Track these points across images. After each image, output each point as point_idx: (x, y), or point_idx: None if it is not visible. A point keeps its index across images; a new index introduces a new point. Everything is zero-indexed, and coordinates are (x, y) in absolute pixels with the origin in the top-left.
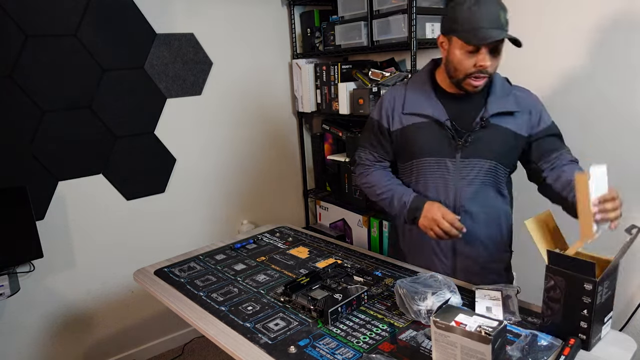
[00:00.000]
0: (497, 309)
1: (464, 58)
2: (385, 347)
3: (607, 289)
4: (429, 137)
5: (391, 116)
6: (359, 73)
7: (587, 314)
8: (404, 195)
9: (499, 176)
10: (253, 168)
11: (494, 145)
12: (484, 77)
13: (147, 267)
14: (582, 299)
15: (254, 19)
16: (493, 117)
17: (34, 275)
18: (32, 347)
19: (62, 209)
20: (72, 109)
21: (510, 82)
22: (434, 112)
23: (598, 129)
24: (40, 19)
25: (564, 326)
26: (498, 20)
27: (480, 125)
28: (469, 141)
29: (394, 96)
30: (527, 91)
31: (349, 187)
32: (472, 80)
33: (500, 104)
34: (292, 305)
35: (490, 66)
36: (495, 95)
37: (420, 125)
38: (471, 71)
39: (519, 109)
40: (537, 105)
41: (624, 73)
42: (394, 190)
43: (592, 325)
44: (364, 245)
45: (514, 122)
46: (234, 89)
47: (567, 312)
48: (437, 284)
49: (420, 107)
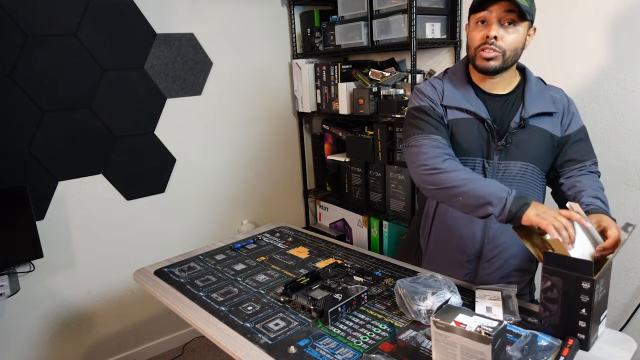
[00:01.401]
0: (497, 309)
1: (475, 32)
2: (385, 347)
3: (603, 287)
4: (469, 135)
5: (437, 104)
6: (359, 73)
7: (586, 312)
8: (503, 186)
9: (535, 179)
10: (253, 168)
11: (532, 148)
12: (493, 49)
13: (147, 267)
14: (580, 298)
15: (254, 19)
16: (531, 117)
17: (34, 275)
18: (32, 347)
19: (62, 209)
20: (72, 109)
21: (544, 82)
22: (476, 108)
23: (596, 128)
24: (40, 19)
25: (562, 326)
26: None
27: (519, 126)
28: (510, 142)
29: (434, 86)
30: (562, 91)
31: (349, 187)
32: (481, 52)
33: (539, 105)
34: (292, 305)
35: (501, 39)
36: (532, 95)
37: (464, 121)
38: (479, 43)
39: (556, 109)
40: (572, 106)
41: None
42: (487, 180)
43: (591, 325)
44: (364, 245)
45: (551, 123)
46: (234, 89)
47: (565, 312)
48: (437, 284)
49: (461, 102)
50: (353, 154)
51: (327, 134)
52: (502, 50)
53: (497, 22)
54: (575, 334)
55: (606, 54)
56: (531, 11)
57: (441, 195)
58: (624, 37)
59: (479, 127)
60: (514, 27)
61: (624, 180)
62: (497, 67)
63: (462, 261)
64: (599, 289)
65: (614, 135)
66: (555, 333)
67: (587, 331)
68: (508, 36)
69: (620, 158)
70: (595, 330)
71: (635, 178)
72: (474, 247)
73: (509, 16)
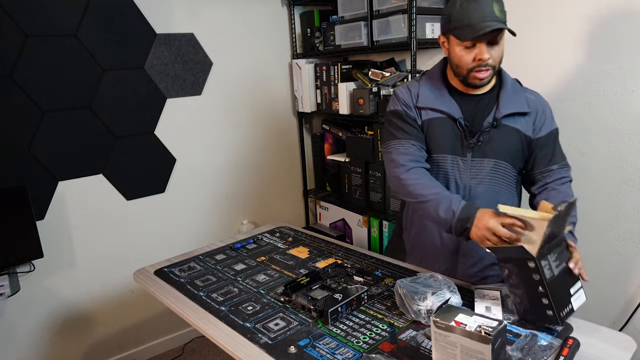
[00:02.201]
0: (497, 308)
1: (464, 54)
2: (385, 347)
3: (557, 261)
4: (443, 134)
5: (411, 107)
6: (359, 73)
7: (543, 289)
8: (452, 203)
9: (507, 176)
10: (253, 168)
11: (505, 146)
12: (487, 69)
13: (147, 267)
14: (533, 277)
15: (254, 19)
16: (505, 117)
17: (34, 275)
18: (32, 347)
19: (62, 209)
20: (72, 109)
21: (520, 84)
22: (449, 108)
23: (596, 128)
24: (40, 19)
25: (533, 310)
26: (491, 13)
27: (492, 125)
28: (481, 140)
29: (409, 89)
30: (537, 94)
31: (349, 187)
32: (476, 74)
33: (513, 105)
34: (292, 305)
35: (491, 58)
36: (507, 95)
37: (437, 121)
38: (472, 65)
39: (530, 110)
40: (547, 109)
41: (620, 70)
42: (441, 195)
43: (553, 300)
44: (364, 245)
45: (525, 123)
46: (234, 89)
47: (529, 294)
48: (437, 284)
49: (435, 103)
50: (353, 154)
51: (327, 134)
52: (493, 67)
53: (485, 44)
54: (545, 313)
55: (606, 54)
56: (506, 20)
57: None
58: (624, 37)
59: (452, 126)
60: (499, 42)
61: (624, 180)
62: (489, 81)
63: (440, 255)
64: (550, 264)
65: (614, 135)
66: (535, 319)
67: (551, 306)
68: (496, 53)
69: (620, 158)
70: (567, 304)
71: (635, 178)
72: (450, 241)
73: (495, 36)
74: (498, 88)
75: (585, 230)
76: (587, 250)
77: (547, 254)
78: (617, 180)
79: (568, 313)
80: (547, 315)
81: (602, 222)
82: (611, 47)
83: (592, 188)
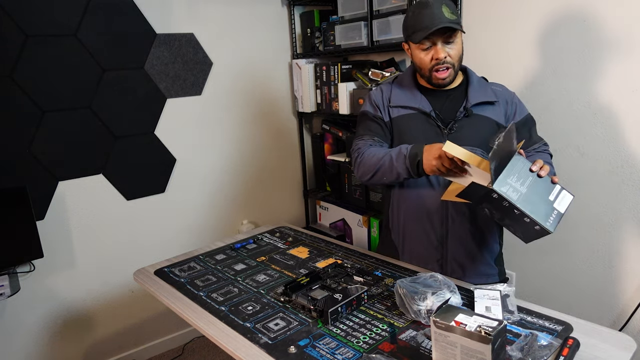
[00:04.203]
0: (497, 308)
1: (422, 55)
2: (385, 347)
3: (521, 179)
4: (416, 128)
5: (382, 108)
6: (359, 73)
7: (518, 211)
8: (401, 149)
9: None
10: (253, 168)
11: (479, 133)
12: (446, 67)
13: (147, 267)
14: (504, 204)
15: (254, 19)
16: (475, 107)
17: (34, 275)
18: (32, 347)
19: (62, 209)
20: (72, 109)
21: (487, 80)
22: (420, 104)
23: (596, 128)
24: (40, 19)
25: (527, 230)
26: (440, 15)
27: (463, 115)
28: (454, 129)
29: (382, 90)
30: (502, 86)
31: (349, 187)
32: (436, 73)
33: (480, 95)
34: (292, 305)
35: (448, 56)
36: (474, 88)
37: (409, 117)
38: (431, 65)
39: (497, 99)
40: (514, 97)
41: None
42: (390, 152)
43: (533, 215)
44: (364, 245)
45: (494, 111)
46: (234, 89)
47: (513, 219)
48: (437, 284)
49: (406, 101)
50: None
51: (327, 134)
52: (452, 64)
53: (440, 43)
54: (534, 229)
55: (606, 54)
56: (460, 21)
57: (375, 181)
58: (624, 37)
59: (426, 120)
60: (455, 41)
61: (623, 180)
62: (451, 79)
63: (430, 245)
64: (513, 185)
65: (614, 135)
66: (532, 237)
67: (534, 221)
68: (453, 51)
69: (620, 158)
70: (549, 212)
71: (635, 178)
72: (437, 230)
73: (448, 36)
74: (465, 84)
75: (585, 230)
76: (587, 250)
77: (506, 179)
78: (617, 180)
79: (556, 219)
80: (537, 230)
81: (602, 222)
82: (611, 47)
83: (592, 188)
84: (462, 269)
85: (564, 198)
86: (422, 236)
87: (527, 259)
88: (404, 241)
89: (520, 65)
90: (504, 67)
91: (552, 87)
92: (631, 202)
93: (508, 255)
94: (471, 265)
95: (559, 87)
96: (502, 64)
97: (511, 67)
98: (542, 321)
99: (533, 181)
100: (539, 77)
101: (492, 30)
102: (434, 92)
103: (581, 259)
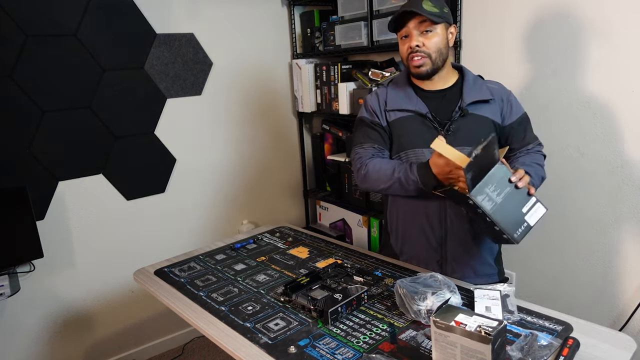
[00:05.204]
0: (497, 308)
1: (401, 45)
2: (385, 347)
3: (496, 190)
4: (413, 130)
5: (379, 113)
6: (359, 73)
7: (490, 219)
8: (408, 175)
9: None
10: (253, 168)
11: (476, 133)
12: (420, 55)
13: (147, 267)
14: (478, 211)
15: (254, 19)
16: (470, 106)
17: (34, 275)
18: (32, 347)
19: (62, 209)
20: (72, 109)
21: (482, 78)
22: (415, 106)
23: (596, 128)
24: (40, 19)
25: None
26: (417, 4)
27: (459, 115)
28: (451, 130)
29: (377, 95)
30: (498, 83)
31: (349, 187)
32: (411, 62)
33: (475, 94)
34: (292, 305)
35: (423, 46)
36: (469, 87)
37: (406, 119)
38: (407, 53)
39: (492, 97)
40: (510, 96)
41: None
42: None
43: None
44: (364, 245)
45: (490, 110)
46: (234, 89)
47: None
48: (437, 284)
49: (402, 104)
50: (351, 157)
51: (327, 134)
52: (428, 54)
53: (416, 33)
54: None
55: (606, 54)
56: (443, 15)
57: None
58: (624, 37)
59: (422, 121)
60: (433, 31)
61: (623, 180)
62: (429, 70)
63: (430, 247)
64: (489, 195)
65: (614, 135)
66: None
67: (503, 231)
68: (429, 41)
69: (620, 158)
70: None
71: (635, 178)
72: (436, 232)
73: (424, 25)
74: (460, 83)
75: (585, 230)
76: (586, 250)
77: (484, 188)
78: (617, 180)
79: (524, 231)
80: (505, 238)
81: (602, 222)
82: (611, 47)
83: (592, 188)
84: (461, 270)
85: (537, 211)
86: (421, 237)
87: (527, 259)
88: (403, 243)
89: (520, 65)
90: (504, 67)
91: (552, 87)
92: (631, 202)
93: (508, 255)
94: (471, 265)
95: (559, 87)
96: (502, 63)
97: (511, 67)
98: (542, 321)
99: (509, 192)
100: (538, 77)
101: (492, 30)
102: (429, 92)
103: (581, 259)
